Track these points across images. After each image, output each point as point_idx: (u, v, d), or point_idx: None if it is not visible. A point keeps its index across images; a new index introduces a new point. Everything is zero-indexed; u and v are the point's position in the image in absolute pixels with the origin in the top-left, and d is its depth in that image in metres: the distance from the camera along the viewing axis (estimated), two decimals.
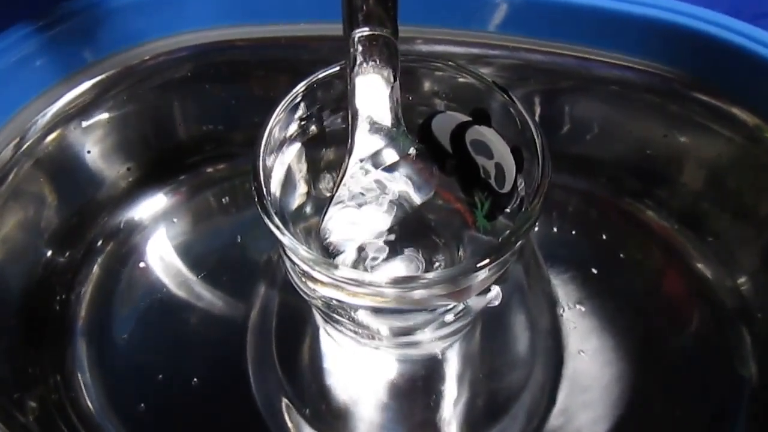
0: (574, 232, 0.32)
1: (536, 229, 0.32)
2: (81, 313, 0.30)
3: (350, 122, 0.24)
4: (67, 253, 0.31)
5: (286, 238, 0.21)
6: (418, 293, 0.21)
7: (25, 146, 0.28)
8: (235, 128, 0.33)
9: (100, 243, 0.32)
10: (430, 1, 0.30)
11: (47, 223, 0.30)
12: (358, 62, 0.22)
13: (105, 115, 0.31)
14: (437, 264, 0.28)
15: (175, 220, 0.33)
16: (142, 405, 0.28)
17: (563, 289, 0.31)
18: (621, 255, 0.31)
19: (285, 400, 0.28)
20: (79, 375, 0.28)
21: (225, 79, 0.32)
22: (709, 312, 0.29)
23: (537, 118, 0.32)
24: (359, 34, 0.22)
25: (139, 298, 0.31)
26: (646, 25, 0.28)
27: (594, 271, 0.31)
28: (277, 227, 0.21)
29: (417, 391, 0.28)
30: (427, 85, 0.25)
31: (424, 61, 0.25)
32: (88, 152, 0.31)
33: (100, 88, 0.30)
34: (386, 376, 0.29)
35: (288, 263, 0.23)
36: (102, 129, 0.31)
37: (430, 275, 0.20)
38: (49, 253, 0.30)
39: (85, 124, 0.30)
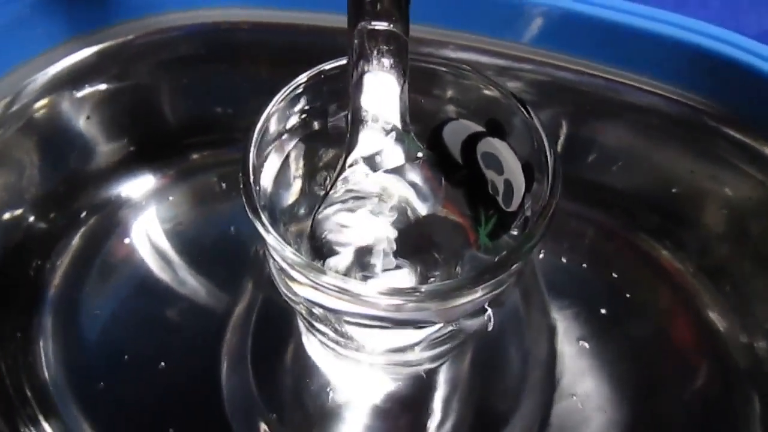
0: (584, 265, 0.31)
1: (541, 255, 0.31)
2: (54, 282, 0.29)
3: (350, 119, 0.23)
4: (49, 221, 0.30)
5: (270, 237, 0.20)
6: (405, 307, 0.20)
7: (15, 107, 0.28)
8: (242, 113, 0.32)
9: (84, 214, 0.31)
10: (464, 6, 0.29)
11: (32, 187, 0.30)
12: (362, 56, 0.21)
13: (104, 86, 0.30)
14: (432, 280, 0.26)
15: (170, 198, 0.32)
16: (102, 383, 0.27)
17: (564, 324, 0.29)
18: (629, 295, 0.30)
19: (253, 402, 0.27)
20: (41, 342, 0.28)
21: (237, 61, 0.31)
22: (717, 368, 0.28)
23: (559, 141, 0.32)
24: (365, 27, 0.21)
25: (118, 275, 0.30)
26: (682, 50, 0.26)
27: (599, 309, 0.30)
28: (262, 224, 0.20)
29: (396, 410, 0.27)
30: (441, 90, 0.24)
31: (440, 64, 0.24)
32: (88, 117, 0.30)
33: (101, 56, 0.29)
34: (365, 393, 0.28)
35: (272, 264, 0.22)
36: (99, 99, 0.30)
37: (421, 288, 0.19)
38: (31, 218, 0.30)
39: (80, 92, 0.30)
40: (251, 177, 0.21)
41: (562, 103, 0.30)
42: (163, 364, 0.27)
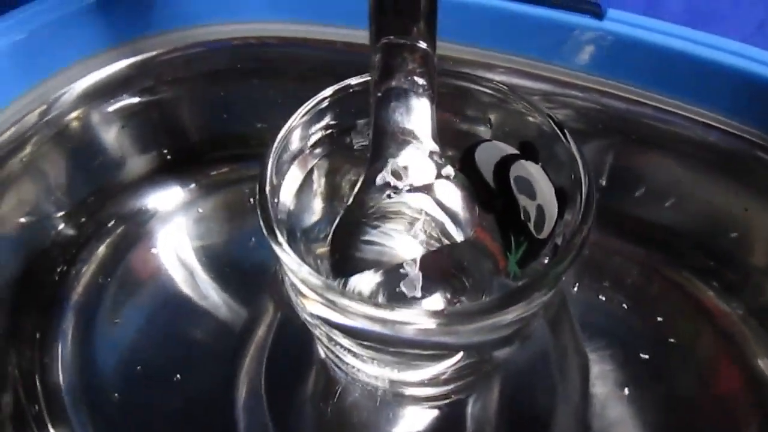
0: (623, 305, 0.29)
1: (575, 289, 0.29)
2: (78, 288, 0.30)
3: (372, 135, 0.22)
4: (77, 228, 0.31)
5: (284, 255, 0.19)
6: (429, 330, 0.19)
7: (50, 116, 0.28)
8: (272, 127, 0.32)
9: (112, 223, 0.31)
10: (513, 29, 0.28)
11: (63, 194, 0.30)
12: (387, 72, 0.21)
13: (136, 98, 0.31)
14: None
15: (199, 210, 0.33)
16: (116, 393, 0.27)
17: (599, 367, 0.28)
18: (672, 339, 0.28)
19: (267, 423, 0.26)
20: (59, 346, 0.28)
21: (268, 76, 0.32)
22: (766, 421, 0.26)
23: (604, 172, 0.30)
24: (390, 41, 0.21)
25: (140, 285, 0.30)
26: (738, 80, 0.25)
27: (639, 352, 0.28)
28: (275, 239, 0.19)
29: None
30: (474, 109, 0.24)
31: (475, 83, 0.23)
32: (122, 127, 0.31)
33: (133, 68, 0.30)
34: (383, 423, 0.27)
35: (288, 284, 0.22)
36: (131, 111, 0.31)
37: (444, 311, 0.18)
38: (60, 224, 0.30)
39: (113, 103, 0.30)
40: (267, 189, 0.20)
41: (609, 132, 0.29)
42: (178, 377, 0.27)
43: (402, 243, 0.25)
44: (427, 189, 0.24)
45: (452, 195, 0.24)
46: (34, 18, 0.27)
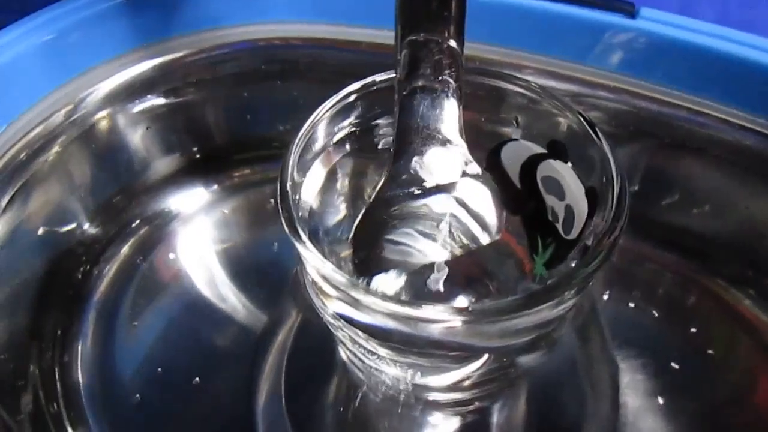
0: (655, 314, 0.29)
1: (605, 297, 0.29)
2: (100, 288, 0.30)
3: (397, 133, 0.22)
4: (101, 228, 0.31)
5: (307, 251, 0.19)
6: (453, 329, 0.19)
7: (76, 115, 0.29)
8: (297, 129, 0.32)
9: (136, 224, 0.32)
10: (545, 29, 0.28)
11: (88, 194, 0.30)
12: (413, 69, 0.21)
13: (161, 98, 0.31)
14: None
15: (224, 211, 0.33)
16: (137, 395, 0.27)
17: (631, 376, 0.27)
18: (707, 349, 0.27)
19: (288, 427, 0.26)
20: (79, 345, 0.28)
21: (292, 77, 0.32)
22: None
23: (636, 177, 0.30)
24: (416, 38, 0.20)
25: (162, 287, 0.30)
26: None
27: (671, 362, 0.27)
28: (297, 236, 0.19)
29: None
30: (501, 107, 0.23)
31: (503, 80, 0.23)
32: (147, 128, 0.31)
33: (159, 69, 0.30)
34: (404, 429, 0.26)
35: (309, 284, 0.22)
36: (157, 112, 0.31)
37: (469, 308, 0.18)
38: (85, 224, 0.30)
39: (139, 104, 0.30)
40: (288, 185, 0.20)
41: (641, 135, 0.29)
42: (197, 380, 0.27)
43: (426, 244, 0.24)
44: (452, 188, 0.23)
45: (478, 195, 0.24)
46: (61, 18, 0.28)
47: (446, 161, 0.23)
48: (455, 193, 0.23)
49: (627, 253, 0.30)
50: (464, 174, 0.23)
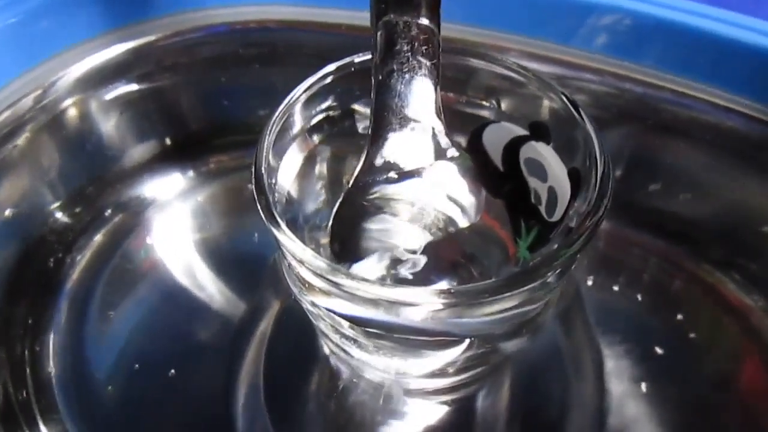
0: (639, 298, 0.28)
1: (590, 282, 0.29)
2: (72, 277, 0.29)
3: (373, 116, 0.21)
4: (74, 216, 0.30)
5: (285, 238, 0.18)
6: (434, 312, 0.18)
7: (46, 101, 0.28)
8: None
9: (110, 211, 0.31)
10: (525, 10, 0.28)
11: (60, 181, 0.30)
12: (388, 51, 0.20)
13: (135, 83, 0.30)
14: None
15: (198, 199, 0.32)
16: (109, 387, 0.26)
17: (614, 362, 0.27)
18: (690, 333, 0.27)
19: (266, 421, 0.25)
20: (51, 335, 0.27)
21: (270, 61, 0.31)
22: None
23: (619, 161, 0.29)
24: (391, 19, 0.20)
25: (137, 276, 0.29)
26: (764, 62, 0.24)
27: (655, 347, 0.27)
28: (274, 222, 0.18)
29: None
30: (482, 89, 0.23)
31: (483, 60, 0.23)
32: (120, 113, 0.30)
33: (133, 53, 0.29)
34: (391, 420, 0.26)
35: (286, 268, 0.21)
36: (130, 97, 0.30)
37: (450, 289, 0.17)
38: (57, 212, 0.30)
39: (111, 89, 0.30)
40: (264, 167, 0.19)
41: (625, 118, 0.29)
42: (173, 371, 0.26)
43: (406, 229, 0.24)
44: (431, 172, 0.23)
45: (457, 178, 0.24)
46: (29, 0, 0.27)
47: (425, 144, 0.22)
48: (434, 177, 0.23)
49: (611, 238, 0.30)
50: (443, 157, 0.23)
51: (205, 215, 0.32)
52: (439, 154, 0.23)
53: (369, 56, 0.22)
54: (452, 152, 0.23)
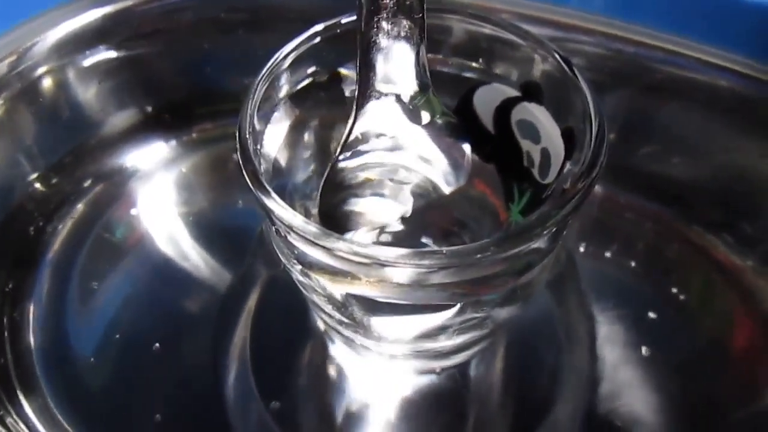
0: (632, 263, 0.28)
1: (582, 249, 0.28)
2: (54, 246, 0.29)
3: (359, 80, 0.21)
4: (53, 186, 0.30)
5: (273, 203, 0.18)
6: (427, 274, 0.18)
7: (21, 67, 0.27)
8: None
9: (90, 181, 0.30)
10: None
11: (39, 150, 0.29)
12: (373, 13, 0.20)
13: (114, 50, 0.30)
14: None
15: (182, 169, 0.31)
16: (91, 358, 0.26)
17: (606, 328, 0.27)
18: (682, 296, 0.27)
19: (252, 392, 0.25)
20: (31, 306, 0.27)
21: (254, 27, 0.30)
22: None
23: (615, 124, 0.29)
24: None
25: (120, 247, 0.29)
26: (758, 18, 0.24)
27: (648, 312, 0.27)
28: (260, 187, 0.18)
29: (419, 410, 0.25)
30: (473, 49, 0.22)
31: (473, 19, 0.22)
32: (99, 83, 0.30)
33: (111, 19, 0.29)
34: (384, 388, 0.26)
35: (277, 242, 0.21)
36: (110, 64, 0.30)
37: (443, 250, 0.17)
38: (36, 182, 0.29)
39: (89, 55, 0.29)
40: (248, 131, 0.19)
41: (619, 79, 0.28)
42: (157, 345, 0.26)
43: (394, 197, 0.24)
44: (419, 137, 0.22)
45: (446, 141, 0.23)
46: None
47: (412, 107, 0.22)
48: (423, 141, 0.23)
49: (604, 203, 0.29)
50: (432, 120, 0.22)
51: (189, 185, 0.31)
52: (427, 117, 0.22)
53: (354, 18, 0.21)
54: (441, 115, 0.22)
